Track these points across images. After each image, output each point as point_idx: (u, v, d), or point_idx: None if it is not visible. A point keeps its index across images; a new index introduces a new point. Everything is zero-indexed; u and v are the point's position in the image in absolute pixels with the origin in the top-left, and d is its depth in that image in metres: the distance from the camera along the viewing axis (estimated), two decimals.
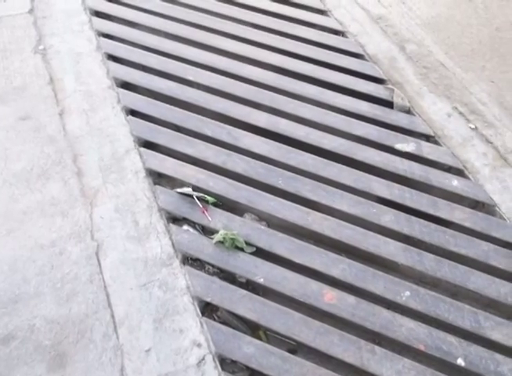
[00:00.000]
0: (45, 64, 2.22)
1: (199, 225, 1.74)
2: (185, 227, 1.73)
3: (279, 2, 2.62)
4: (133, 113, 2.06)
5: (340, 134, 2.03)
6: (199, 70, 2.23)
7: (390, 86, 2.24)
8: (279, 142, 1.98)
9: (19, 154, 1.88)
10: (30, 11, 2.46)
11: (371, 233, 1.72)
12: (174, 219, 1.75)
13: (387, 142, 2.02)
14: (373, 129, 2.06)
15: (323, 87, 2.21)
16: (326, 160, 1.92)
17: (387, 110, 2.15)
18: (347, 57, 2.37)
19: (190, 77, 2.19)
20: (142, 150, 1.92)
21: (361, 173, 1.90)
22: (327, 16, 2.59)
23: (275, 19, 2.52)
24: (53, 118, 2.00)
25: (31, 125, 1.98)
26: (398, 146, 2.01)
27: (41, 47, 2.30)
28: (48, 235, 1.66)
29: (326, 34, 2.49)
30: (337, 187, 1.85)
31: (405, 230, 1.73)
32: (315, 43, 2.42)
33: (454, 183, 1.88)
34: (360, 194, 1.83)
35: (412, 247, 1.68)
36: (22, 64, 2.22)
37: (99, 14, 2.49)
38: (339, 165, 1.91)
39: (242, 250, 1.66)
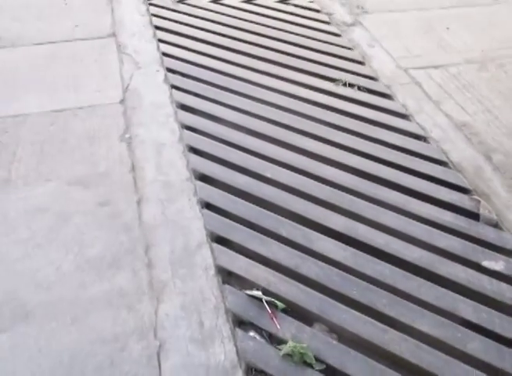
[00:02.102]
0: (129, 152, 2.30)
1: (266, 332, 1.63)
2: (252, 333, 1.63)
3: (360, 105, 2.63)
4: (208, 206, 2.05)
5: (422, 245, 1.92)
6: (278, 167, 2.22)
7: (475, 197, 2.13)
8: (357, 248, 1.88)
9: (94, 240, 1.89)
10: (122, 101, 2.60)
11: (455, 361, 1.55)
12: (241, 323, 1.66)
13: (473, 258, 1.88)
14: (457, 242, 1.93)
15: (405, 193, 2.13)
16: (405, 273, 1.80)
17: (472, 222, 2.02)
18: (429, 163, 2.30)
19: (268, 175, 2.18)
20: (215, 245, 1.88)
21: (444, 290, 1.75)
22: (409, 120, 2.56)
23: (356, 121, 2.52)
24: (131, 206, 2.03)
25: (109, 211, 2.01)
26: (486, 264, 1.86)
27: (127, 135, 2.39)
28: (111, 328, 1.61)
29: (407, 138, 2.44)
30: (417, 304, 1.71)
31: (495, 362, 1.55)
32: (397, 147, 2.38)
33: None
34: (443, 314, 1.68)
35: None
36: (108, 151, 2.30)
37: (184, 107, 2.59)
38: (420, 279, 1.78)
39: (311, 366, 1.53)
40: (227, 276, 1.80)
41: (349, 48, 3.06)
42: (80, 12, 3.33)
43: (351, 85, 2.74)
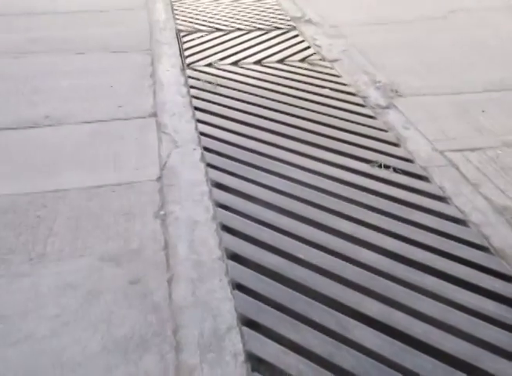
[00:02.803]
0: (162, 229, 2.31)
1: None
2: None
3: (396, 187, 2.60)
4: (240, 287, 2.01)
5: (464, 336, 1.80)
6: (311, 248, 2.18)
7: None
8: (393, 337, 1.79)
9: (123, 319, 1.86)
10: (158, 179, 2.65)
11: None
12: None
13: None
14: (503, 335, 1.81)
15: (443, 279, 2.04)
16: (447, 367, 1.68)
17: None
18: (469, 248, 2.21)
19: (301, 256, 2.14)
20: (245, 329, 1.81)
21: None
22: (447, 203, 2.50)
23: (392, 203, 2.48)
24: (161, 285, 2.00)
25: (139, 290, 1.98)
26: None
27: (162, 212, 2.41)
28: None
29: (445, 221, 2.38)
30: None
31: None
32: (435, 230, 2.31)
33: None
34: None
35: None
36: (142, 228, 2.32)
37: (218, 185, 2.61)
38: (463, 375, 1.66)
39: None
40: (257, 363, 1.72)
41: (384, 131, 3.09)
42: (124, 94, 3.50)
43: (386, 167, 2.73)
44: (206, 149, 2.90)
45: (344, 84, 3.66)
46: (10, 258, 2.16)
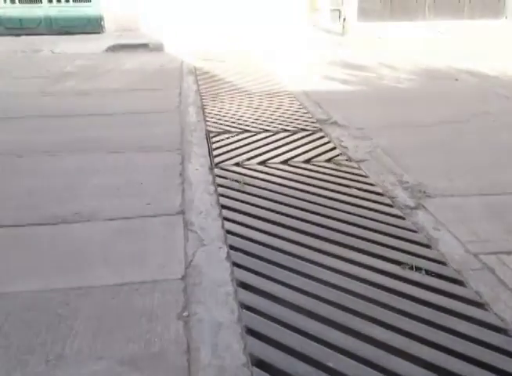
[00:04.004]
0: (185, 332, 2.22)
1: None
2: None
3: (430, 291, 2.49)
4: None
5: None
6: (341, 356, 2.05)
7: None
8: None
9: None
10: (183, 277, 2.60)
11: None
12: None
13: None
14: None
15: None
16: None
17: None
18: None
19: (331, 364, 2.01)
20: None
21: None
22: (485, 309, 2.36)
23: (426, 308, 2.36)
24: None
25: None
26: None
27: (185, 313, 2.33)
28: None
29: (484, 329, 2.23)
30: None
31: None
32: (473, 339, 2.16)
33: None
34: None
35: None
36: (164, 329, 2.23)
37: (244, 286, 2.54)
38: None
39: None
40: None
41: (414, 231, 3.03)
42: (153, 192, 3.56)
43: (418, 269, 2.64)
44: (232, 247, 2.86)
45: (372, 185, 3.66)
46: (27, 358, 2.08)
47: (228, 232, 3.03)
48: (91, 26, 11.41)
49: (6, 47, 9.72)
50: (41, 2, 11.14)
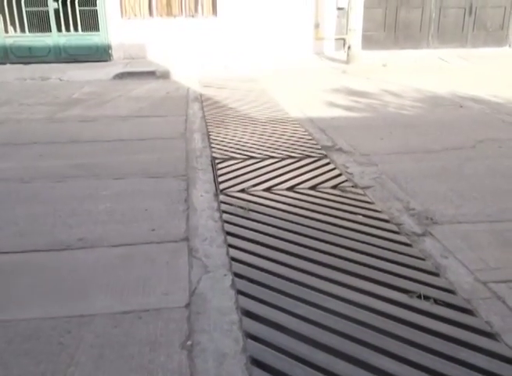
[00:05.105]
0: (188, 362, 2.17)
1: None
2: None
3: (439, 320, 2.43)
4: None
5: None
6: None
7: None
8: None
9: None
10: (187, 305, 2.56)
11: None
12: None
13: None
14: None
15: None
16: None
17: None
18: None
19: None
20: None
21: None
22: (496, 340, 2.30)
23: (436, 338, 2.30)
24: None
25: None
26: None
27: (188, 343, 2.29)
28: None
29: (497, 362, 2.17)
30: None
31: None
32: (486, 372, 2.10)
33: None
34: None
35: None
36: (167, 359, 2.19)
37: (249, 314, 2.50)
38: None
39: None
40: None
41: (421, 259, 2.98)
42: (158, 218, 3.55)
43: (426, 298, 2.58)
44: (237, 275, 2.82)
45: (378, 211, 3.63)
46: None
47: (233, 259, 2.99)
48: (100, 54, 11.58)
49: (16, 75, 9.86)
50: (51, 31, 11.33)
